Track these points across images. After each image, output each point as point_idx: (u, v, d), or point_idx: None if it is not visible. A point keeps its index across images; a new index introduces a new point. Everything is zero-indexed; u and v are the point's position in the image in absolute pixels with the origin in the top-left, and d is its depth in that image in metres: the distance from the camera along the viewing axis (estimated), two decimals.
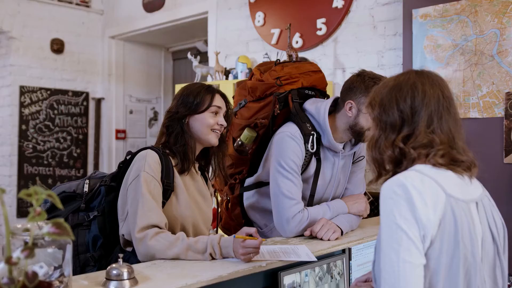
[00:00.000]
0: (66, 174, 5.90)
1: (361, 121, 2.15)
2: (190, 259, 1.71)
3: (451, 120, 1.30)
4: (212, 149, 2.05)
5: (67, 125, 5.95)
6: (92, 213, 1.91)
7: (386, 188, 1.22)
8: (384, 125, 1.33)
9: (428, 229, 1.17)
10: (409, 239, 1.16)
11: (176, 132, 1.93)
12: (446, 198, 1.20)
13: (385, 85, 1.38)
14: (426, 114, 1.28)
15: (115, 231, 1.88)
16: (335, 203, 2.26)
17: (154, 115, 6.56)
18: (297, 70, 2.42)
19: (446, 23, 2.96)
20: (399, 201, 1.18)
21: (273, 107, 2.33)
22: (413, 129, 1.28)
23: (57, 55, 5.78)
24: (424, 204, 1.17)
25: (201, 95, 1.94)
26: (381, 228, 1.22)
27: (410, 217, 1.16)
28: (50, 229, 0.95)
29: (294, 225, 2.11)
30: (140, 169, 1.81)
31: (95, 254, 1.87)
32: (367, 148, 1.38)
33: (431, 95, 1.29)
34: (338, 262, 2.03)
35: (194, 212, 1.93)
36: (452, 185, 1.24)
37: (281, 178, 2.15)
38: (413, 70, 1.37)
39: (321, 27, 3.71)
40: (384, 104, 1.32)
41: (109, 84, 6.13)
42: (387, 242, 1.19)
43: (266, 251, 1.84)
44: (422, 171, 1.23)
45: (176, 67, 6.69)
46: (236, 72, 4.11)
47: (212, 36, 4.64)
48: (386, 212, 1.21)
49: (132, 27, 5.71)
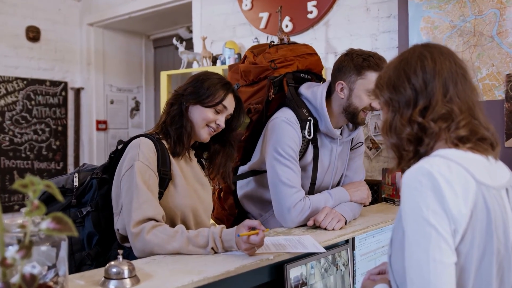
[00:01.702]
0: (46, 167, 5.71)
1: (354, 101, 2.09)
2: (191, 253, 1.61)
3: (468, 87, 1.19)
4: (214, 147, 1.94)
5: (45, 116, 5.75)
6: (85, 208, 1.78)
7: (409, 177, 1.10)
8: (397, 105, 1.21)
9: (459, 222, 1.05)
10: (439, 235, 1.04)
11: (175, 113, 1.82)
12: (477, 186, 1.09)
13: (389, 65, 1.28)
14: (440, 82, 1.16)
15: (111, 226, 1.76)
16: (337, 191, 2.19)
17: (135, 105, 6.40)
18: (292, 53, 2.33)
19: (443, 4, 2.88)
20: (425, 192, 1.06)
21: (268, 91, 2.25)
22: (429, 100, 1.17)
23: (33, 43, 5.57)
24: (454, 194, 1.05)
25: (215, 88, 1.82)
26: (406, 223, 1.10)
27: (439, 209, 1.04)
28: (49, 224, 0.82)
29: (295, 214, 2.03)
30: (134, 158, 1.69)
31: (91, 252, 1.75)
32: (383, 135, 1.26)
33: (442, 62, 1.18)
34: (342, 253, 1.97)
35: (194, 200, 1.83)
36: (481, 170, 1.12)
37: (279, 165, 2.07)
38: (418, 44, 1.26)
39: (312, 10, 3.59)
40: (393, 82, 1.22)
41: (88, 73, 5.96)
42: (414, 239, 1.07)
43: (271, 243, 1.75)
44: (448, 156, 1.11)
45: (158, 55, 6.54)
46: (224, 58, 3.98)
47: (197, 21, 4.49)
48: (410, 205, 1.09)
49: (112, 13, 5.52)
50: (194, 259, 1.57)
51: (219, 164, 1.93)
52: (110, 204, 1.77)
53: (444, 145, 1.17)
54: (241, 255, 1.61)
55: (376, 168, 3.28)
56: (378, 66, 2.03)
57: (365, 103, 2.08)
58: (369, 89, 2.04)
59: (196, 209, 1.84)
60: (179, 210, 1.77)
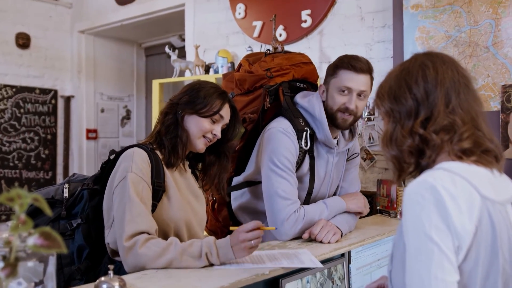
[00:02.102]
0: (34, 176, 5.61)
1: (329, 102, 2.09)
2: (185, 265, 1.55)
3: (471, 97, 1.15)
4: (209, 159, 1.89)
5: (35, 124, 5.66)
6: (75, 220, 1.72)
7: (412, 191, 1.06)
8: (398, 115, 1.17)
9: (463, 239, 1.01)
10: (442, 252, 1.00)
11: (170, 122, 1.77)
12: (481, 201, 1.04)
13: (390, 74, 1.24)
14: (442, 92, 1.13)
15: (102, 239, 1.70)
16: (332, 200, 2.15)
17: (126, 114, 6.34)
18: (288, 62, 2.30)
19: (438, 14, 2.86)
20: (428, 207, 1.02)
21: (263, 100, 2.21)
22: (430, 110, 1.13)
23: (23, 50, 5.49)
24: (459, 209, 1.01)
25: (211, 98, 1.77)
26: (407, 239, 1.06)
27: (442, 225, 1.00)
28: (37, 240, 0.77)
29: (289, 226, 1.99)
30: (127, 169, 1.63)
31: (81, 266, 1.68)
32: (383, 147, 1.22)
33: (444, 71, 1.14)
34: (338, 267, 1.92)
35: (187, 213, 1.77)
36: (486, 184, 1.08)
37: (274, 177, 2.03)
38: (419, 53, 1.23)
39: (306, 19, 3.57)
40: (394, 92, 1.18)
41: (79, 81, 5.89)
42: (415, 255, 1.03)
43: (266, 257, 1.70)
44: (452, 170, 1.07)
45: (149, 63, 6.49)
46: (217, 66, 3.94)
47: (190, 29, 4.45)
48: (412, 220, 1.04)
49: (103, 21, 5.47)
50: (187, 274, 1.51)
51: (214, 176, 1.88)
52: (101, 216, 1.71)
53: (447, 157, 1.13)
54: (236, 269, 1.55)
55: (371, 179, 3.24)
56: (351, 65, 2.03)
57: (338, 103, 2.06)
58: (339, 87, 2.04)
59: (190, 222, 1.78)
60: (172, 223, 1.72)
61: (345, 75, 2.03)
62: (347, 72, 2.03)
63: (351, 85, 2.03)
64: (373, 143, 3.22)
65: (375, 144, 3.22)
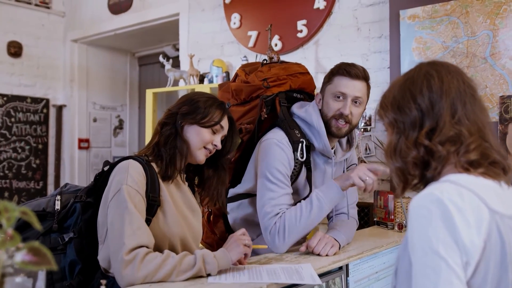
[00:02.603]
0: (24, 186, 5.52)
1: (324, 108, 2.07)
2: (182, 273, 1.50)
3: (477, 107, 1.12)
4: (207, 172, 1.85)
5: (26, 134, 5.59)
6: (67, 234, 1.65)
7: (418, 204, 1.02)
8: (402, 126, 1.14)
9: (471, 254, 0.97)
10: (450, 268, 0.96)
11: (169, 132, 1.72)
12: (490, 215, 1.01)
13: (394, 84, 1.21)
14: (447, 102, 1.10)
15: (95, 254, 1.63)
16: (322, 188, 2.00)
17: (119, 123, 6.28)
18: (285, 72, 2.27)
19: (435, 25, 2.85)
20: (435, 221, 0.98)
21: (260, 111, 2.18)
22: (436, 121, 1.10)
23: (15, 59, 5.43)
24: (467, 223, 0.97)
25: (211, 109, 1.74)
26: (413, 254, 1.02)
27: (450, 240, 0.97)
28: (25, 257, 0.72)
29: (274, 240, 1.94)
30: (121, 182, 1.57)
31: (73, 282, 1.62)
32: (387, 158, 1.19)
33: (450, 81, 1.12)
34: (336, 280, 1.88)
35: (182, 228, 1.71)
36: (494, 197, 1.04)
37: (263, 190, 2.01)
38: (424, 62, 1.20)
39: (302, 29, 3.55)
40: (398, 102, 1.15)
41: (71, 90, 5.83)
42: (422, 271, 0.99)
43: (265, 272, 1.65)
44: (459, 182, 1.04)
45: (143, 73, 6.45)
46: (212, 76, 3.90)
47: (184, 39, 4.42)
48: (418, 235, 1.01)
49: (96, 30, 5.43)
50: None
51: (213, 189, 1.84)
52: (95, 230, 1.65)
53: (454, 169, 1.09)
54: (230, 284, 1.50)
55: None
56: (346, 71, 2.01)
57: (333, 109, 2.03)
58: (334, 93, 2.02)
59: (185, 238, 1.72)
60: (167, 239, 1.66)
61: (340, 81, 2.01)
62: (342, 78, 2.01)
63: (346, 90, 2.00)
64: (369, 154, 3.19)
65: (372, 154, 3.18)
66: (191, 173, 1.88)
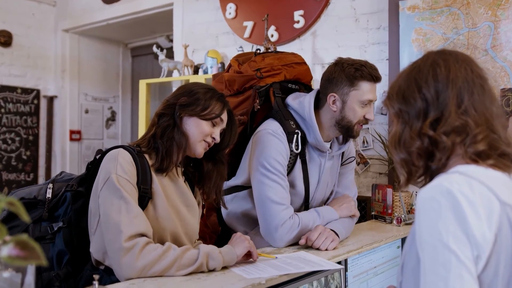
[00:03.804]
0: (15, 178, 5.43)
1: (348, 114, 1.99)
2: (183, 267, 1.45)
3: (487, 98, 1.08)
4: (207, 166, 1.79)
5: (16, 125, 5.48)
6: (57, 224, 1.60)
7: (426, 196, 0.99)
8: (407, 116, 1.11)
9: (482, 248, 0.94)
10: (460, 262, 0.92)
11: (167, 124, 1.65)
12: (501, 207, 0.97)
13: (401, 73, 1.17)
14: (454, 91, 1.06)
15: (84, 245, 1.58)
16: (324, 209, 2.07)
17: (111, 115, 6.19)
18: (280, 62, 2.21)
19: (435, 16, 2.80)
20: (445, 214, 0.94)
21: (253, 102, 2.13)
22: (441, 111, 1.07)
23: (4, 49, 5.32)
24: (477, 216, 0.94)
25: (211, 101, 1.69)
26: (421, 248, 0.99)
27: (461, 233, 0.93)
28: (12, 251, 0.66)
29: (283, 232, 1.90)
30: (110, 171, 1.52)
31: (60, 273, 1.56)
32: (391, 149, 1.16)
33: (457, 70, 1.08)
34: (335, 274, 1.84)
35: (174, 222, 1.64)
36: (504, 190, 1.00)
37: (266, 181, 1.94)
38: (433, 50, 1.17)
39: (299, 20, 3.49)
40: (403, 92, 1.12)
41: (62, 81, 5.73)
42: (431, 266, 0.96)
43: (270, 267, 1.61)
44: (469, 174, 1.00)
45: (136, 64, 6.37)
46: (206, 67, 3.84)
47: (178, 29, 4.34)
48: (427, 228, 0.97)
49: (88, 19, 5.33)
50: (178, 284, 1.40)
51: (213, 184, 1.78)
52: (84, 220, 1.60)
53: (461, 160, 1.06)
54: (230, 278, 1.46)
55: (365, 183, 3.16)
56: (372, 76, 1.96)
57: (359, 116, 1.99)
58: (363, 101, 1.96)
59: (177, 233, 1.66)
60: (157, 233, 1.59)
61: (367, 87, 1.95)
62: (369, 84, 1.96)
63: (373, 96, 1.98)
64: (367, 147, 3.15)
65: (369, 148, 3.14)
66: (191, 167, 1.82)
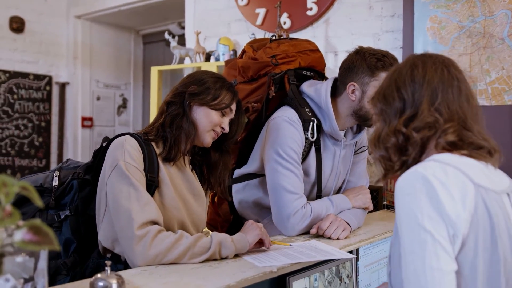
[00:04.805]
0: (27, 164, 5.47)
1: (367, 104, 1.95)
2: (196, 255, 1.45)
3: (463, 98, 1.14)
4: (214, 156, 1.78)
5: (28, 111, 5.51)
6: (63, 212, 1.60)
7: (402, 182, 1.06)
8: (386, 115, 1.20)
9: (458, 227, 1.00)
10: (436, 241, 0.99)
11: (176, 112, 1.64)
12: (475, 189, 1.03)
13: (386, 75, 1.26)
14: (428, 91, 1.14)
15: (91, 234, 1.58)
16: (338, 198, 2.05)
17: (123, 102, 6.21)
18: (294, 48, 2.18)
19: (451, 3, 2.75)
20: (419, 197, 1.01)
21: (268, 89, 2.10)
22: (416, 108, 1.14)
23: (17, 35, 5.34)
24: (451, 197, 1.00)
25: (222, 90, 1.67)
26: (401, 232, 1.05)
27: (435, 214, 0.99)
28: (25, 235, 0.66)
29: (295, 221, 1.89)
30: (118, 158, 1.51)
31: (67, 261, 1.57)
32: (372, 147, 1.23)
33: (433, 70, 1.16)
34: (347, 264, 1.84)
35: (181, 212, 1.64)
36: (479, 174, 1.07)
37: (280, 169, 1.92)
38: (414, 54, 1.26)
39: (312, 7, 3.45)
40: (384, 92, 1.21)
41: (74, 67, 5.75)
42: (409, 247, 1.02)
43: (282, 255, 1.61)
44: (443, 160, 1.07)
45: (147, 51, 6.36)
46: (218, 54, 3.82)
47: (190, 16, 4.32)
48: (404, 212, 1.04)
49: (100, 6, 5.33)
50: (190, 271, 1.40)
51: (218, 174, 1.78)
52: (91, 208, 1.60)
53: (435, 151, 1.13)
54: (241, 266, 1.45)
55: (376, 173, 3.14)
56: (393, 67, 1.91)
57: None
58: None
59: (184, 223, 1.65)
60: (163, 222, 1.58)
61: None
62: None
63: None
64: None
65: None
66: (198, 156, 1.81)
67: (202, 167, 1.82)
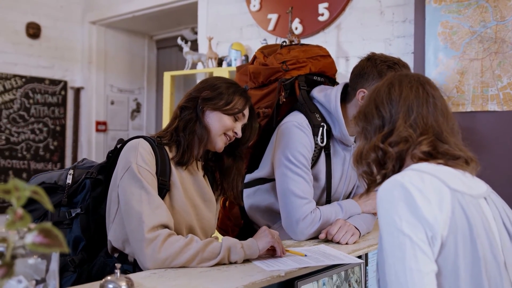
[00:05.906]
0: (42, 167, 5.56)
1: None
2: (205, 260, 1.47)
3: (438, 114, 1.21)
4: (227, 161, 1.80)
5: (44, 115, 5.60)
6: (75, 210, 1.63)
7: (382, 191, 1.12)
8: (367, 133, 1.27)
9: (436, 229, 1.04)
10: (414, 243, 1.04)
11: (189, 117, 1.66)
12: (451, 193, 1.08)
13: (366, 96, 1.35)
14: (404, 107, 1.21)
15: (100, 233, 1.61)
16: (347, 203, 2.05)
17: (136, 107, 6.26)
18: (305, 54, 2.19)
19: (463, 8, 2.75)
20: (397, 203, 1.07)
21: (278, 94, 2.11)
22: (393, 125, 1.21)
23: (33, 40, 5.43)
24: (428, 201, 1.06)
25: (234, 96, 1.69)
26: (382, 238, 1.10)
27: (412, 219, 1.05)
28: (35, 238, 0.68)
29: (305, 226, 1.90)
30: (130, 160, 1.53)
31: (75, 258, 1.59)
32: (355, 164, 1.30)
33: (409, 89, 1.23)
34: (356, 269, 1.83)
35: (190, 215, 1.65)
36: (455, 180, 1.12)
37: (289, 174, 1.93)
38: (393, 73, 1.34)
39: (323, 12, 3.47)
40: (365, 112, 1.28)
41: (89, 72, 5.82)
42: (390, 251, 1.07)
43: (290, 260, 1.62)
44: (420, 169, 1.13)
45: (161, 56, 6.41)
46: (230, 59, 3.84)
47: (203, 21, 4.36)
48: (385, 218, 1.10)
49: (114, 12, 5.40)
50: (198, 274, 1.42)
51: (231, 179, 1.79)
52: (102, 208, 1.63)
53: (412, 161, 1.19)
54: (250, 270, 1.47)
55: None
56: None
57: None
58: None
59: (193, 228, 1.67)
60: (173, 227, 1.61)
61: None
62: None
63: None
64: None
65: None
66: (212, 162, 1.82)
67: (215, 173, 1.83)
